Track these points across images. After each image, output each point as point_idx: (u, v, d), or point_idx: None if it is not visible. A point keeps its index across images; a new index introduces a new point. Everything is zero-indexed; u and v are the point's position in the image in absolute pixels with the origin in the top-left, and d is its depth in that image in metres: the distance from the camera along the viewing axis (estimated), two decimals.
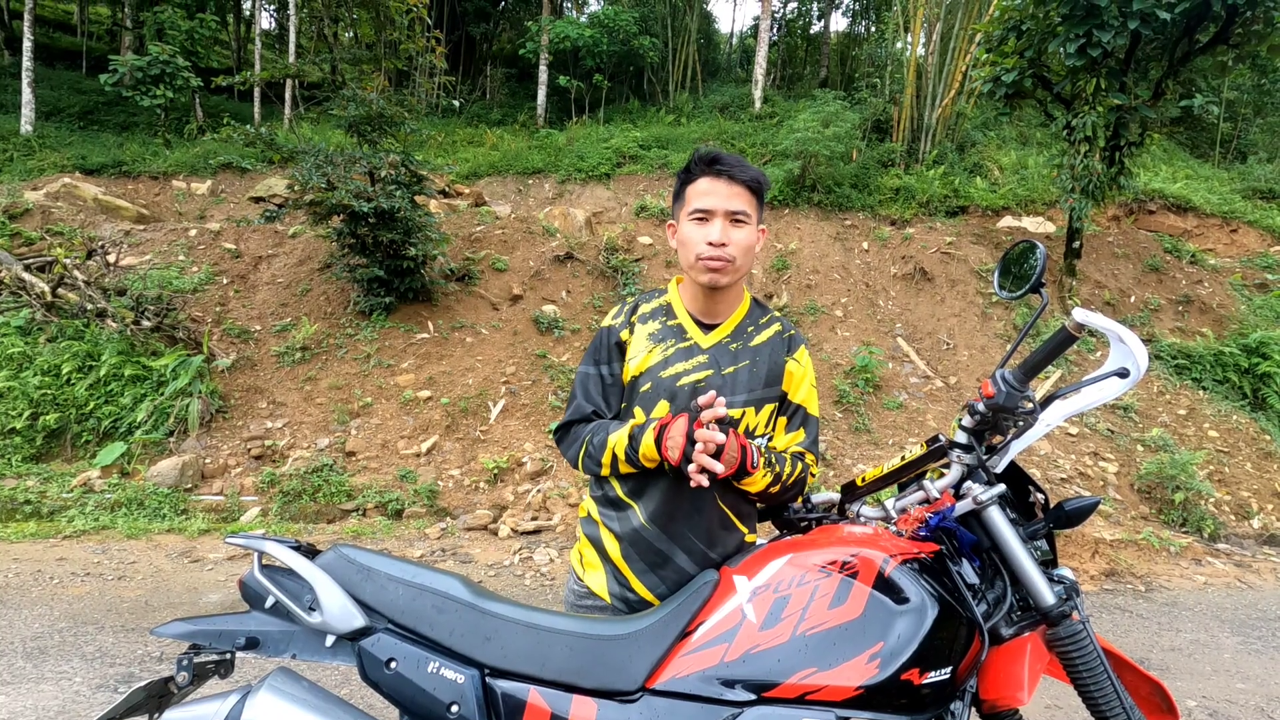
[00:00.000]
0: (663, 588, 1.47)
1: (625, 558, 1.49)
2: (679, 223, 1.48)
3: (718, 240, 1.39)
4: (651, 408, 1.45)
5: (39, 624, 3.25)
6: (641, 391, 1.47)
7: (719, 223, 1.40)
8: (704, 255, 1.40)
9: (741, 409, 1.45)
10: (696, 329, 1.50)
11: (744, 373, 1.47)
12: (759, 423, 1.48)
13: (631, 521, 1.47)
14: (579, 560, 1.59)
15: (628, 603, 1.49)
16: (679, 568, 1.46)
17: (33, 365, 5.39)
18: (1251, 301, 8.09)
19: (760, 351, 1.49)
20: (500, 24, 16.64)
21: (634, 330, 1.51)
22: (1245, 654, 3.64)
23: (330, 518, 4.84)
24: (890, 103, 11.03)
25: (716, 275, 1.42)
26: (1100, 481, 5.74)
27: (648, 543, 1.46)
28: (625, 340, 1.51)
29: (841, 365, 6.79)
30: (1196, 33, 6.88)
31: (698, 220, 1.42)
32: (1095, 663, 1.19)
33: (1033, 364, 1.28)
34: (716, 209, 1.40)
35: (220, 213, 9.07)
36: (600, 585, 1.51)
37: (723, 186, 1.41)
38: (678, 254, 1.50)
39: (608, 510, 1.53)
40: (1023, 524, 1.33)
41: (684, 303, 1.53)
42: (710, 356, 1.47)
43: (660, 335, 1.49)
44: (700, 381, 1.45)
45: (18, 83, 10.69)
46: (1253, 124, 12.98)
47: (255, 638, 1.26)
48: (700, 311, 1.51)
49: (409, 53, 8.30)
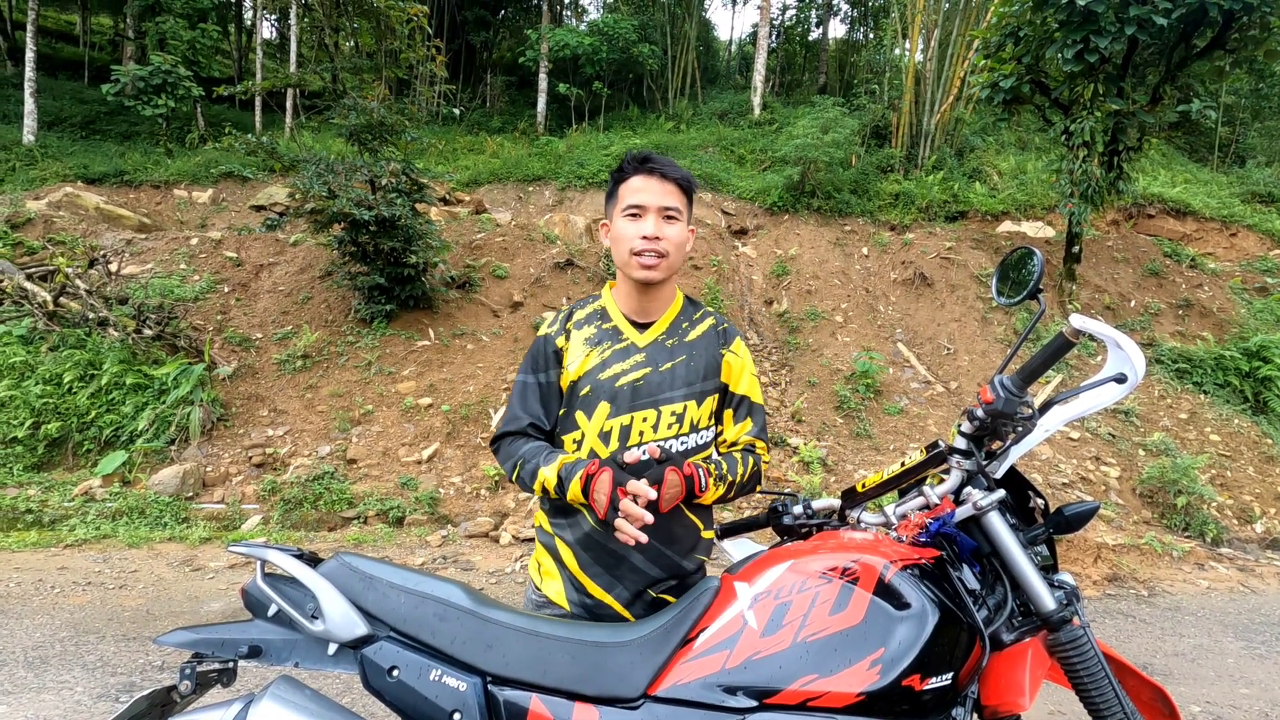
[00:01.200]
0: (620, 589, 1.47)
1: (581, 564, 1.49)
2: (612, 221, 1.51)
3: (652, 234, 1.44)
4: (592, 410, 1.47)
5: (40, 633, 3.25)
6: (581, 395, 1.48)
7: (652, 218, 1.45)
8: (638, 250, 1.44)
9: (683, 403, 1.48)
10: (632, 329, 1.53)
11: (681, 368, 1.49)
12: (701, 415, 1.50)
13: (583, 526, 1.48)
14: (536, 569, 1.58)
15: (587, 608, 1.49)
16: (635, 568, 1.47)
17: (34, 374, 5.40)
18: (1252, 305, 8.10)
19: (696, 346, 1.53)
20: (500, 32, 16.73)
21: (570, 336, 1.53)
22: (1249, 659, 3.63)
23: (331, 525, 4.84)
24: (889, 109, 11.07)
25: (650, 271, 1.45)
26: (1102, 486, 5.73)
27: (601, 545, 1.47)
28: (562, 347, 1.52)
29: (842, 371, 6.79)
30: (1193, 38, 6.91)
31: (631, 217, 1.46)
32: (1096, 668, 1.19)
33: (1031, 370, 1.28)
34: (650, 205, 1.45)
35: (222, 221, 9.10)
36: (558, 593, 1.51)
37: (655, 184, 1.45)
38: (611, 253, 1.54)
39: (559, 519, 1.53)
40: (1023, 529, 1.33)
41: (618, 305, 1.56)
42: (647, 355, 1.50)
43: (596, 338, 1.51)
44: (639, 380, 1.47)
45: (20, 93, 10.75)
46: (1251, 128, 13.01)
47: (258, 646, 1.26)
48: (634, 311, 1.54)
49: (409, 61, 8.33)
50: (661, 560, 1.49)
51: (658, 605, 1.49)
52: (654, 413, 1.47)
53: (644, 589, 1.49)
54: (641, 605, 1.49)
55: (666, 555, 1.49)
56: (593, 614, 1.48)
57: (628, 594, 1.48)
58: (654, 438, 1.46)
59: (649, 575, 1.48)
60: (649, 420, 1.47)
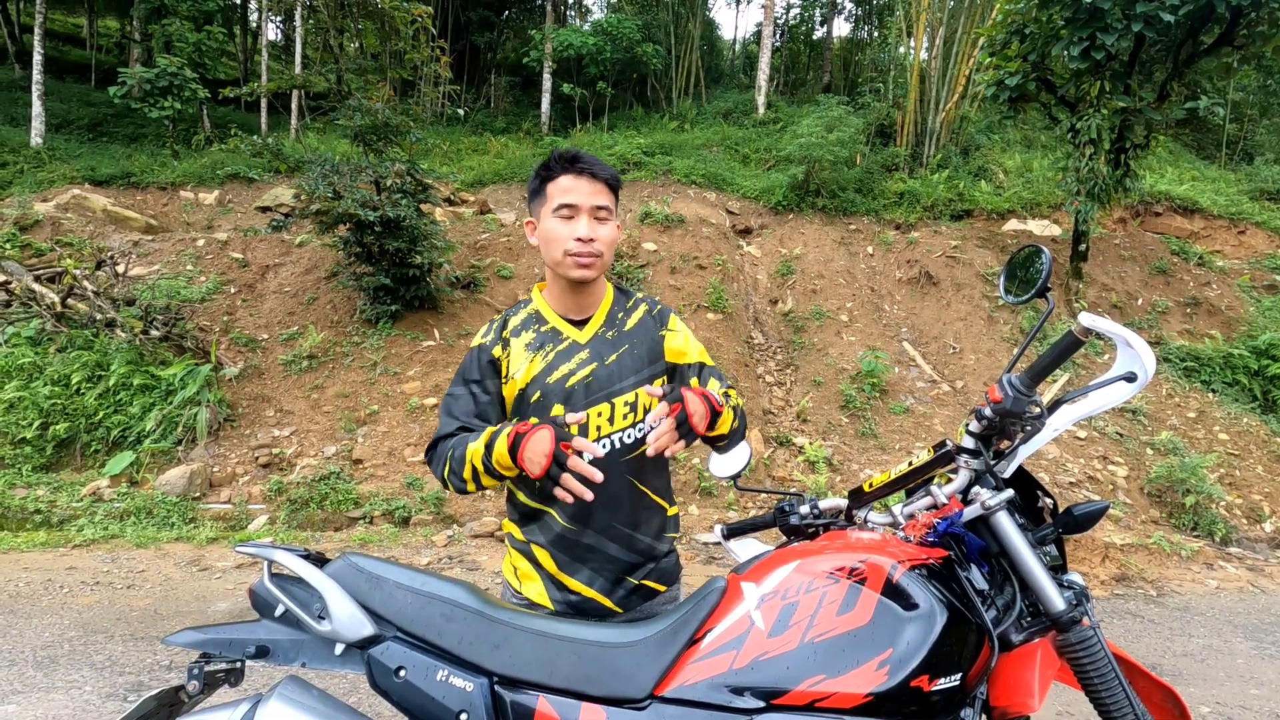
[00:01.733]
0: (600, 580, 1.49)
1: (558, 564, 1.49)
2: (540, 219, 1.49)
3: (586, 236, 1.43)
4: (546, 414, 1.45)
5: (49, 633, 3.27)
6: (533, 402, 1.47)
7: (584, 219, 1.44)
8: (573, 251, 1.43)
9: (633, 391, 1.48)
10: (570, 327, 1.52)
11: (626, 357, 1.50)
12: (652, 400, 1.48)
13: (553, 528, 1.48)
14: (513, 573, 1.56)
15: (571, 605, 1.49)
16: (610, 557, 1.49)
17: (43, 375, 5.43)
18: (1260, 303, 8.05)
19: (635, 334, 1.53)
20: (504, 33, 16.75)
21: (508, 345, 1.51)
22: (1259, 659, 3.61)
23: (338, 525, 4.85)
24: (894, 107, 11.04)
25: (586, 271, 1.45)
26: (1110, 485, 5.71)
27: (575, 542, 1.48)
28: (499, 357, 1.51)
29: (847, 370, 6.77)
30: (1201, 34, 6.87)
31: (563, 217, 1.44)
32: (1107, 669, 1.18)
33: (1039, 369, 1.28)
34: (581, 205, 1.44)
35: (228, 222, 9.13)
36: (539, 593, 1.51)
37: (585, 184, 1.44)
38: (541, 251, 1.52)
39: (528, 525, 1.53)
40: (1031, 529, 1.32)
41: (551, 306, 1.55)
42: (590, 350, 1.49)
43: (537, 343, 1.50)
44: (588, 377, 1.46)
45: (28, 95, 10.81)
46: (1259, 125, 12.92)
47: (265, 646, 1.26)
48: (568, 310, 1.53)
49: (414, 62, 8.35)
50: (634, 545, 1.50)
51: (640, 592, 1.52)
52: (607, 406, 1.47)
53: (622, 576, 1.50)
54: (624, 593, 1.50)
55: (637, 539, 1.50)
56: (578, 609, 1.49)
57: (607, 583, 1.49)
58: (610, 430, 1.46)
59: (624, 562, 1.49)
60: (604, 414, 1.47)
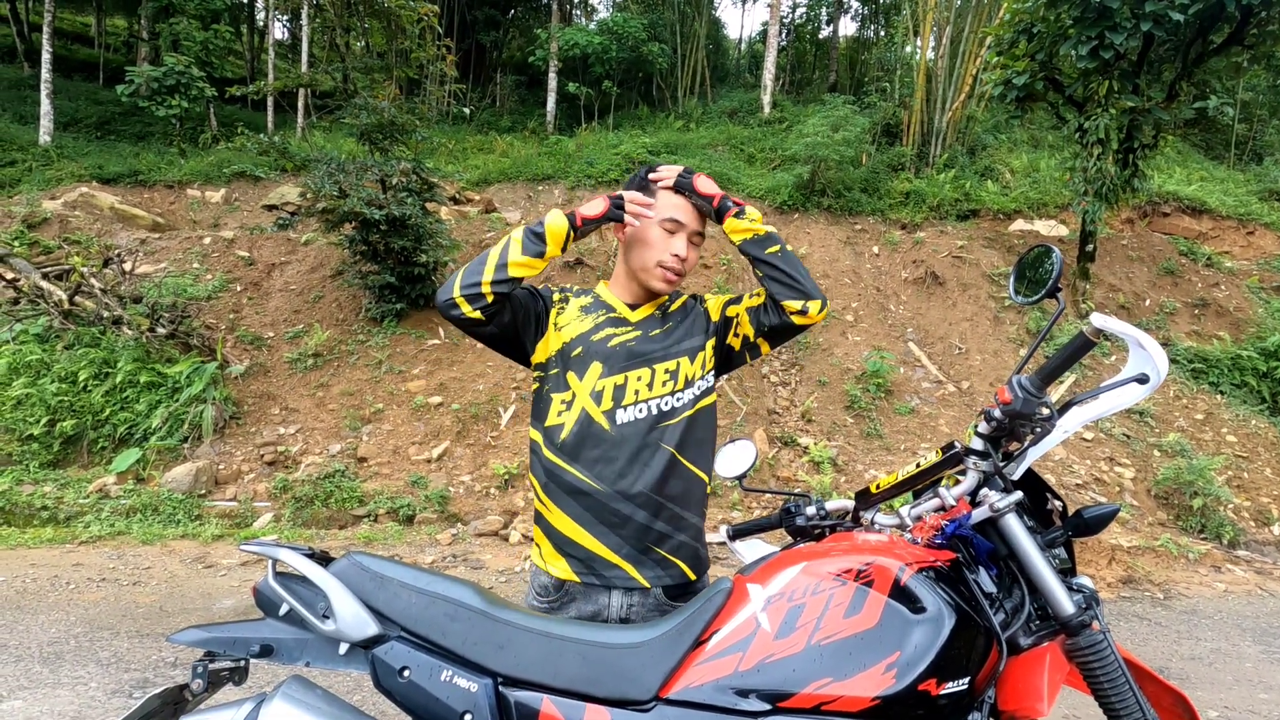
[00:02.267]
0: (627, 548, 1.48)
1: (585, 525, 1.48)
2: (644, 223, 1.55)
3: (681, 254, 1.51)
4: (584, 371, 1.50)
5: (55, 629, 3.28)
6: (573, 356, 1.52)
7: (684, 238, 1.52)
8: (667, 264, 1.51)
9: (676, 360, 1.52)
10: (625, 308, 1.59)
11: (672, 330, 1.57)
12: (694, 370, 1.54)
13: (582, 490, 1.48)
14: (539, 555, 1.58)
15: (597, 575, 1.48)
16: (640, 525, 1.47)
17: (50, 372, 5.46)
18: (1269, 304, 7.99)
19: (679, 314, 1.61)
20: (510, 32, 16.75)
21: (567, 302, 1.60)
22: (1267, 663, 3.58)
23: (342, 523, 4.86)
24: (900, 107, 11.00)
25: (670, 285, 1.54)
26: (1117, 487, 5.67)
27: (602, 505, 1.47)
28: (555, 301, 1.59)
29: (853, 370, 6.75)
30: (1210, 34, 6.82)
31: (667, 229, 1.52)
32: (1116, 673, 1.16)
33: (1049, 370, 1.26)
34: (687, 225, 1.52)
35: (234, 221, 9.16)
36: (565, 570, 1.50)
37: (692, 208, 1.53)
38: (626, 250, 1.58)
39: (556, 492, 1.52)
40: (1041, 532, 1.31)
41: (614, 295, 1.62)
42: (638, 326, 1.56)
43: (591, 308, 1.59)
44: (631, 342, 1.52)
45: (37, 94, 10.87)
46: (1268, 125, 12.82)
47: (269, 645, 1.26)
48: (629, 299, 1.61)
49: (420, 61, 8.37)
50: (662, 513, 1.49)
51: (669, 570, 1.50)
52: (648, 371, 1.50)
53: (649, 546, 1.49)
54: (652, 564, 1.49)
55: (667, 507, 1.49)
56: (605, 581, 1.48)
57: (635, 552, 1.48)
58: (649, 396, 1.49)
59: (654, 530, 1.48)
60: (643, 379, 1.50)
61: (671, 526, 1.51)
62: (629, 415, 1.47)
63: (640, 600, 1.49)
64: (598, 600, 1.49)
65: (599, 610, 1.49)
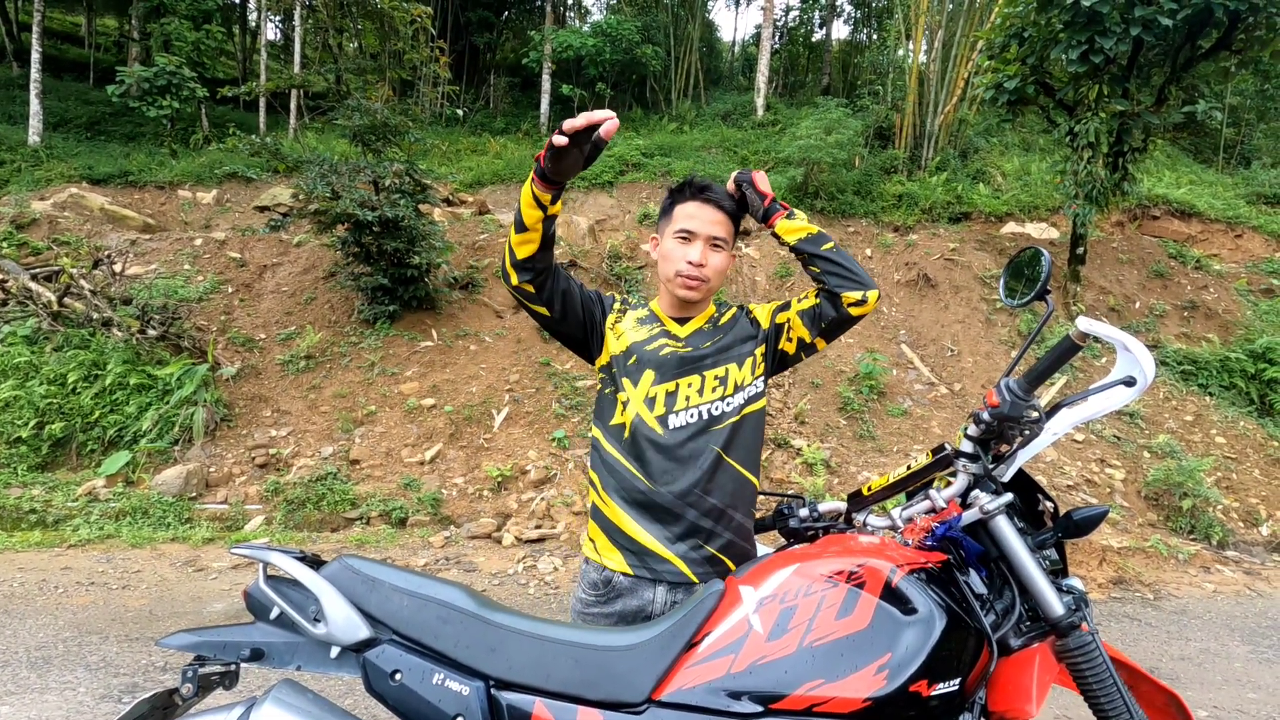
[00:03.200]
0: (679, 545, 1.52)
1: (637, 522, 1.53)
2: (663, 238, 1.64)
3: (698, 261, 1.55)
4: (638, 378, 1.57)
5: (44, 634, 3.25)
6: (629, 364, 1.59)
7: (700, 245, 1.56)
8: (684, 273, 1.57)
9: (725, 366, 1.58)
10: (674, 324, 1.66)
11: (719, 343, 1.62)
12: (744, 374, 1.59)
13: (635, 485, 1.54)
14: (592, 549, 1.61)
15: (651, 569, 1.52)
16: (690, 523, 1.52)
17: (39, 374, 5.42)
18: (1257, 307, 8.07)
19: (728, 327, 1.66)
20: (504, 34, 16.75)
21: (624, 314, 1.68)
22: (1256, 663, 3.61)
23: (334, 526, 4.84)
24: (892, 110, 11.05)
25: (691, 293, 1.59)
26: (1107, 488, 5.71)
27: (652, 503, 1.53)
28: (617, 309, 1.68)
29: (845, 372, 6.77)
30: (1199, 39, 6.88)
31: (682, 240, 1.57)
32: (1104, 674, 1.17)
33: (1038, 373, 1.27)
34: (700, 232, 1.56)
35: (225, 222, 9.11)
36: (619, 562, 1.55)
37: (709, 213, 1.57)
38: (658, 266, 1.66)
39: (610, 486, 1.58)
40: (1031, 533, 1.32)
41: (663, 311, 1.69)
42: (688, 340, 1.62)
43: (647, 320, 1.66)
44: (683, 350, 1.59)
45: (26, 94, 10.77)
46: (1256, 129, 12.95)
47: (260, 649, 1.25)
48: (675, 314, 1.67)
49: (413, 62, 8.35)
50: (710, 511, 1.53)
51: (716, 566, 1.52)
52: (698, 378, 1.56)
53: (700, 543, 1.53)
54: (700, 560, 1.52)
55: (716, 505, 1.53)
56: (655, 575, 1.51)
57: (686, 548, 1.52)
58: (699, 401, 1.55)
59: (702, 528, 1.52)
60: (694, 385, 1.56)
61: (721, 525, 1.54)
62: (680, 420, 1.53)
63: (685, 596, 1.52)
64: (643, 595, 1.53)
65: (644, 605, 1.53)
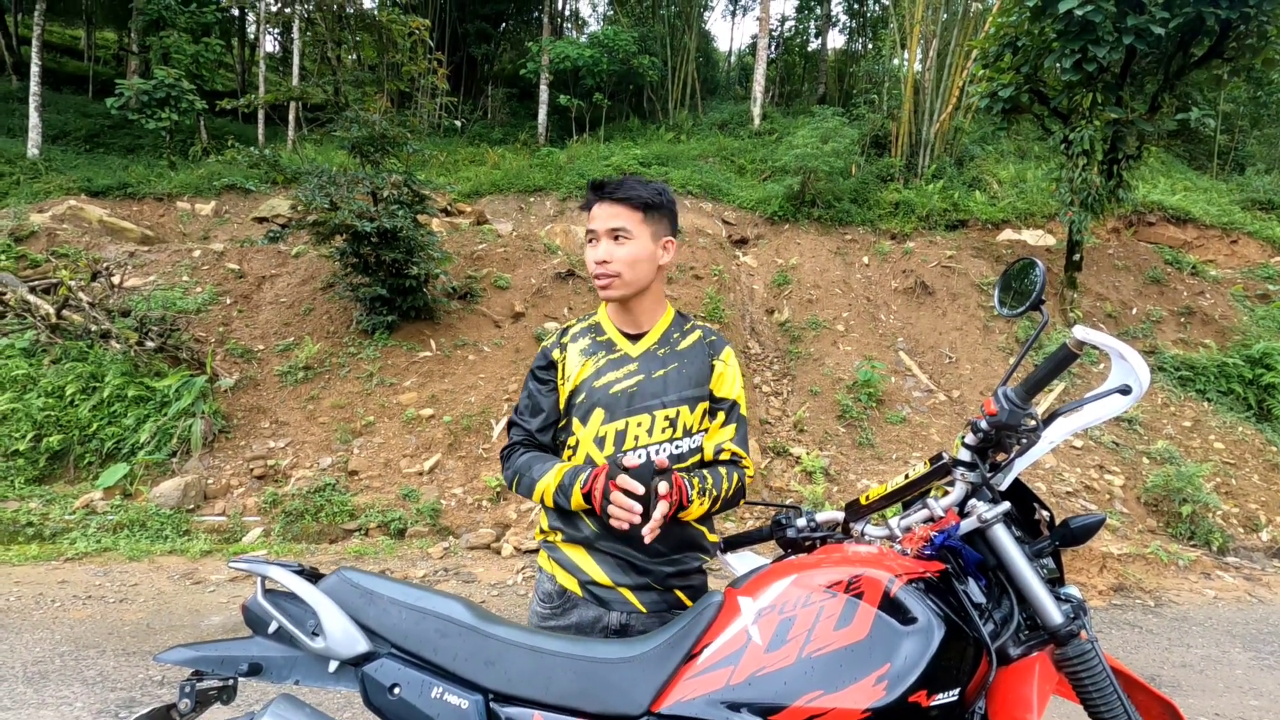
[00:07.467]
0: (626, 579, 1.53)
1: (589, 553, 1.54)
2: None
3: (601, 258, 1.53)
4: (587, 417, 1.55)
5: (40, 648, 3.23)
6: (577, 403, 1.57)
7: (603, 243, 1.54)
8: (593, 274, 1.56)
9: (675, 408, 1.54)
10: (624, 340, 1.61)
11: (674, 374, 1.57)
12: (693, 420, 1.56)
13: (583, 530, 1.54)
14: (546, 558, 1.63)
15: (594, 594, 1.53)
16: (639, 566, 1.53)
17: (36, 387, 5.40)
18: (1254, 312, 8.09)
19: (686, 355, 1.60)
20: (501, 45, 16.84)
21: (565, 350, 1.63)
22: (1257, 670, 3.60)
23: (333, 537, 4.82)
24: (888, 118, 11.11)
25: (606, 290, 1.55)
26: (1106, 495, 5.71)
27: (600, 549, 1.53)
28: (557, 360, 1.62)
29: (844, 380, 6.78)
30: (1191, 47, 6.94)
31: (590, 243, 1.57)
32: (1104, 683, 1.17)
33: (1034, 381, 1.28)
34: (599, 230, 1.54)
35: (224, 233, 9.13)
36: (571, 582, 1.56)
37: (605, 209, 1.54)
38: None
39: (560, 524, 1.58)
40: (1029, 542, 1.32)
41: (610, 319, 1.65)
42: (640, 364, 1.57)
43: (591, 350, 1.60)
44: (633, 387, 1.54)
45: (25, 107, 10.80)
46: (1249, 136, 13.05)
47: (258, 663, 1.25)
48: (623, 324, 1.63)
49: (411, 74, 8.38)
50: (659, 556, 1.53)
51: (663, 594, 1.54)
52: (648, 417, 1.53)
53: (649, 584, 1.54)
54: (653, 597, 1.54)
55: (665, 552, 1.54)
56: (605, 602, 1.52)
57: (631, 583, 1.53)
58: (648, 441, 1.52)
59: (652, 571, 1.53)
60: (643, 425, 1.52)
61: (669, 566, 1.55)
62: (629, 460, 1.48)
63: (638, 618, 1.53)
64: (596, 609, 1.54)
65: (599, 617, 1.53)
